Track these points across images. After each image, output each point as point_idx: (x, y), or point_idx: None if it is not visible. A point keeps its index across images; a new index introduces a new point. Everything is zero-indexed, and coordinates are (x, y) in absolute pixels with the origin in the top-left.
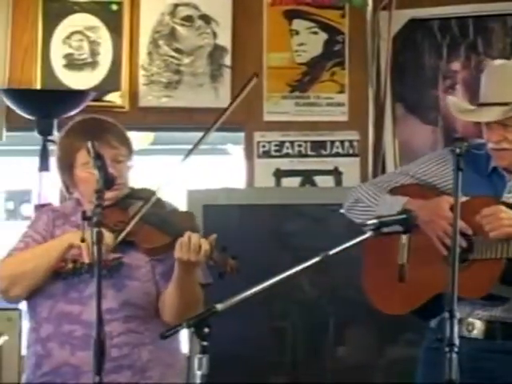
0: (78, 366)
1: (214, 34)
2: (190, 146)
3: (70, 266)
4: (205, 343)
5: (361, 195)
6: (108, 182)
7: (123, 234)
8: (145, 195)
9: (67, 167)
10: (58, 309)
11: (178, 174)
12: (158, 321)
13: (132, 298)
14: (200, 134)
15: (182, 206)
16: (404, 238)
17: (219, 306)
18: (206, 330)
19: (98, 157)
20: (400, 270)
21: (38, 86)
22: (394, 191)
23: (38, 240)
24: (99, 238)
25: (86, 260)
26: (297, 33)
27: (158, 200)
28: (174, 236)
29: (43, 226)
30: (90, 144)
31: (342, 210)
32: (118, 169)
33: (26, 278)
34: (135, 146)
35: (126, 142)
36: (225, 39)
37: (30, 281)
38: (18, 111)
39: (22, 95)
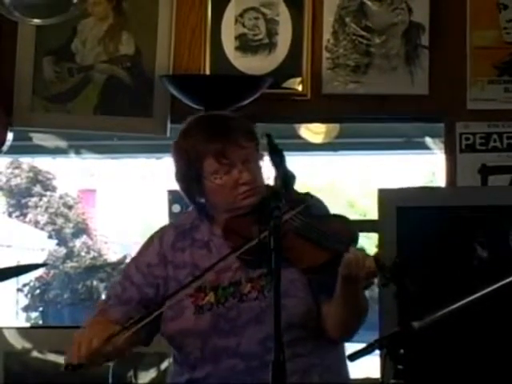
0: None
1: (410, 10)
2: (381, 140)
3: (212, 295)
4: (400, 367)
5: None
6: (287, 181)
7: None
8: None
9: (193, 178)
10: (212, 345)
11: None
12: (323, 338)
13: (293, 318)
14: (393, 126)
15: (373, 207)
16: None
17: (416, 324)
18: (402, 351)
19: (275, 151)
20: None
21: (207, 72)
22: None
23: (138, 283)
24: (278, 247)
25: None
26: (505, 7)
27: (307, 205)
28: (334, 251)
29: (150, 259)
30: (265, 136)
31: None
32: (251, 171)
33: None
34: (318, 139)
35: (254, 138)
36: (422, 15)
37: None
38: (185, 100)
39: (188, 82)
